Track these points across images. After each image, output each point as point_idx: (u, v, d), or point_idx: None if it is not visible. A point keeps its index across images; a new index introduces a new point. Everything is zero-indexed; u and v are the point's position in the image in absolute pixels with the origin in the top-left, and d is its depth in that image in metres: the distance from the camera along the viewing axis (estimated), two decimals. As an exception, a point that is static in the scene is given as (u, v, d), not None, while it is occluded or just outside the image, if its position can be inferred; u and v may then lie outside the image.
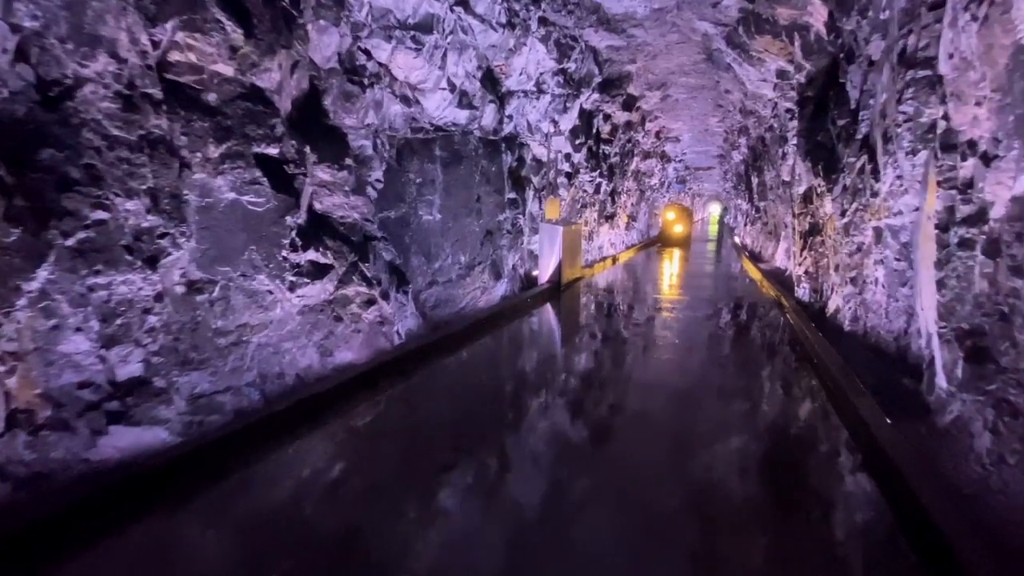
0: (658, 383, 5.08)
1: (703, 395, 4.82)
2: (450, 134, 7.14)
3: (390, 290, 5.45)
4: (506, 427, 4.12)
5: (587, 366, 5.72)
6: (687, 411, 4.41)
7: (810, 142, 7.78)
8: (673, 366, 5.59)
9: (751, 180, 18.89)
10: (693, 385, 5.03)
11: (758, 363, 5.94)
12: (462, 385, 5.12)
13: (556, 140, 9.14)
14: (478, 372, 5.54)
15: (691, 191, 43.19)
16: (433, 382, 5.16)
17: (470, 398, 4.79)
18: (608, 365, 5.69)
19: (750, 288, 9.85)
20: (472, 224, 7.66)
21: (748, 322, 7.56)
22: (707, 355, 6.03)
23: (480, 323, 6.72)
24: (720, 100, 14.54)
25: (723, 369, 5.69)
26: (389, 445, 3.85)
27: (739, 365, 5.79)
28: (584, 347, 6.29)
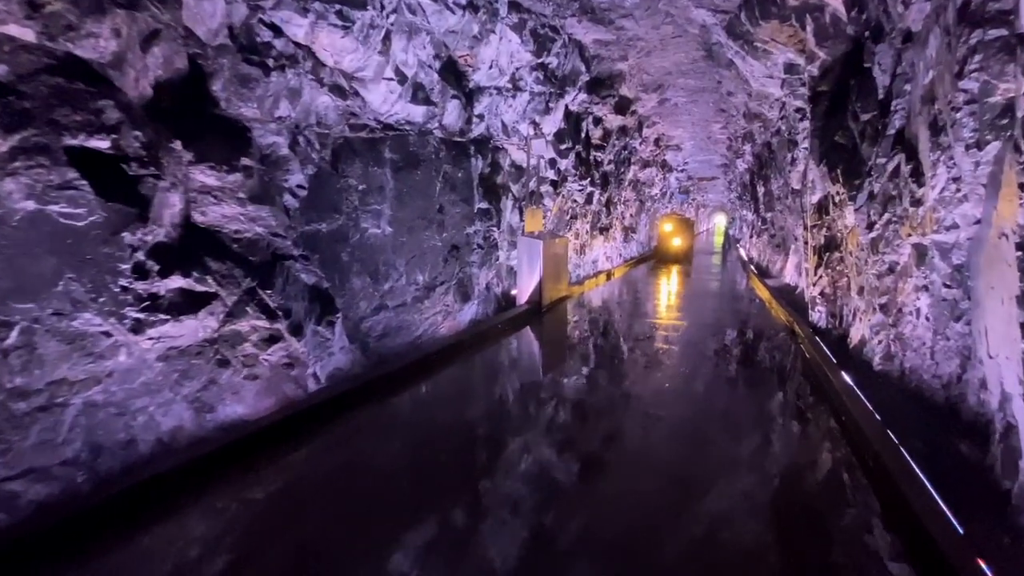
0: (642, 454, 3.94)
1: (702, 476, 3.65)
2: (403, 134, 6.11)
3: (306, 322, 4.38)
4: (444, 513, 3.00)
5: (557, 420, 4.59)
6: (678, 499, 3.27)
7: (825, 143, 6.69)
8: (665, 428, 4.38)
9: (756, 190, 17.79)
10: (689, 457, 3.89)
11: (769, 420, 4.71)
12: (391, 446, 4.01)
13: (536, 144, 8.11)
14: (416, 425, 4.41)
15: (695, 202, 42.19)
16: (354, 442, 4.05)
17: (400, 467, 3.68)
18: (584, 421, 4.57)
19: (758, 311, 8.70)
20: (432, 238, 6.60)
21: (757, 358, 6.31)
22: (707, 409, 4.80)
23: (433, 356, 5.62)
24: (722, 104, 13.51)
25: (728, 432, 4.46)
26: (263, 546, 2.74)
27: (747, 425, 4.56)
28: (556, 393, 5.13)
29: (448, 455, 3.78)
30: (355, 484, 3.41)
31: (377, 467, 3.64)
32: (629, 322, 7.79)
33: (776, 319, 8.01)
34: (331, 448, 3.91)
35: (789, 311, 7.84)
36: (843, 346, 6.27)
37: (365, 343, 5.57)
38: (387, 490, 3.32)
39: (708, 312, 8.47)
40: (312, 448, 3.85)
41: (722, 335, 6.93)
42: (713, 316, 8.19)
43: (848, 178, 5.79)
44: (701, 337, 6.73)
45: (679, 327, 7.20)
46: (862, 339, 5.73)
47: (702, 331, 7.05)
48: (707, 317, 8.03)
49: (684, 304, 9.35)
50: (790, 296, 9.84)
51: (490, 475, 3.58)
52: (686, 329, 7.10)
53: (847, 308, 6.64)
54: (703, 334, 6.88)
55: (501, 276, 8.54)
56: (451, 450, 3.86)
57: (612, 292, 11.09)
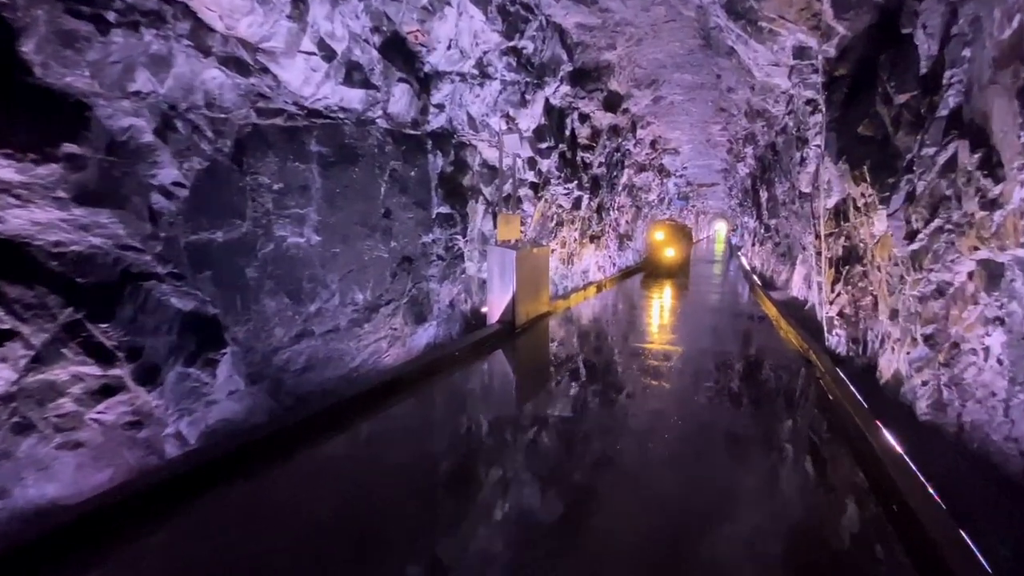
0: (623, 549, 2.84)
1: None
2: (336, 123, 5.06)
3: (168, 363, 3.29)
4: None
5: (513, 485, 3.49)
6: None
7: (844, 137, 5.63)
8: (653, 505, 3.28)
9: (759, 195, 16.74)
10: (683, 556, 2.79)
11: (787, 493, 3.58)
12: (281, 535, 2.89)
13: (510, 140, 7.06)
14: (319, 499, 3.30)
15: (695, 208, 41.19)
16: (225, 532, 2.93)
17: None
18: (549, 491, 3.45)
19: (765, 333, 7.53)
20: (376, 248, 5.52)
21: (766, 402, 5.00)
22: (706, 474, 3.69)
23: (367, 394, 4.52)
24: (723, 102, 12.49)
25: (734, 517, 3.33)
26: None
27: (760, 519, 3.43)
28: (514, 446, 4.00)
29: (346, 547, 2.68)
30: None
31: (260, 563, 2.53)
32: (614, 347, 6.68)
33: (786, 343, 6.90)
34: (184, 542, 2.80)
35: (801, 333, 6.74)
36: (870, 380, 5.17)
37: (278, 381, 4.48)
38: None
39: (707, 334, 7.33)
40: (149, 545, 2.74)
41: (724, 367, 5.77)
42: (713, 339, 7.06)
43: (877, 176, 4.72)
44: (698, 370, 5.58)
45: (672, 355, 6.09)
46: (896, 375, 4.63)
47: (700, 361, 5.88)
48: (706, 340, 6.89)
49: (680, 323, 8.20)
50: (799, 312, 8.75)
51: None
52: (681, 358, 5.98)
53: (873, 333, 5.55)
54: (701, 365, 5.72)
55: (471, 291, 7.46)
56: (353, 539, 2.76)
57: (601, 307, 9.96)
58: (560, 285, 11.12)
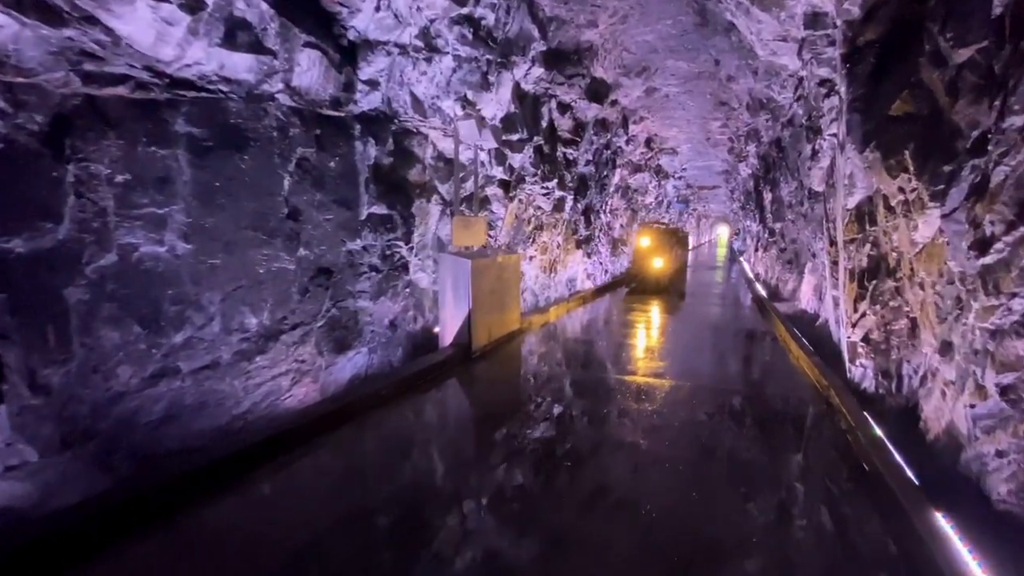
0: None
1: None
2: (215, 97, 3.91)
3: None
4: None
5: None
6: None
7: (874, 118, 4.46)
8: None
9: (762, 196, 15.55)
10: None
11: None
12: None
13: (466, 127, 5.90)
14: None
15: (696, 212, 39.99)
16: None
17: None
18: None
19: (771, 358, 6.27)
20: (278, 258, 4.36)
21: (776, 471, 3.54)
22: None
23: (226, 462, 3.33)
24: (723, 94, 11.34)
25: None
26: None
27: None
28: (440, 535, 2.83)
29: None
30: None
31: None
32: (589, 377, 5.48)
33: (798, 374, 5.67)
34: None
35: (815, 361, 5.53)
36: (908, 429, 3.98)
37: (114, 440, 3.31)
38: None
39: (703, 360, 6.08)
40: None
41: (721, 408, 4.51)
42: (709, 368, 5.79)
43: (925, 164, 3.54)
44: (689, 413, 4.32)
45: (659, 390, 4.87)
46: (952, 432, 3.43)
47: (691, 400, 4.60)
48: (700, 370, 5.62)
49: (671, 345, 6.92)
50: (810, 329, 7.54)
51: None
52: (669, 395, 4.75)
53: (910, 367, 4.36)
54: (693, 407, 4.45)
55: (422, 308, 6.29)
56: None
57: (582, 323, 8.72)
58: (541, 296, 9.95)
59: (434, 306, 6.36)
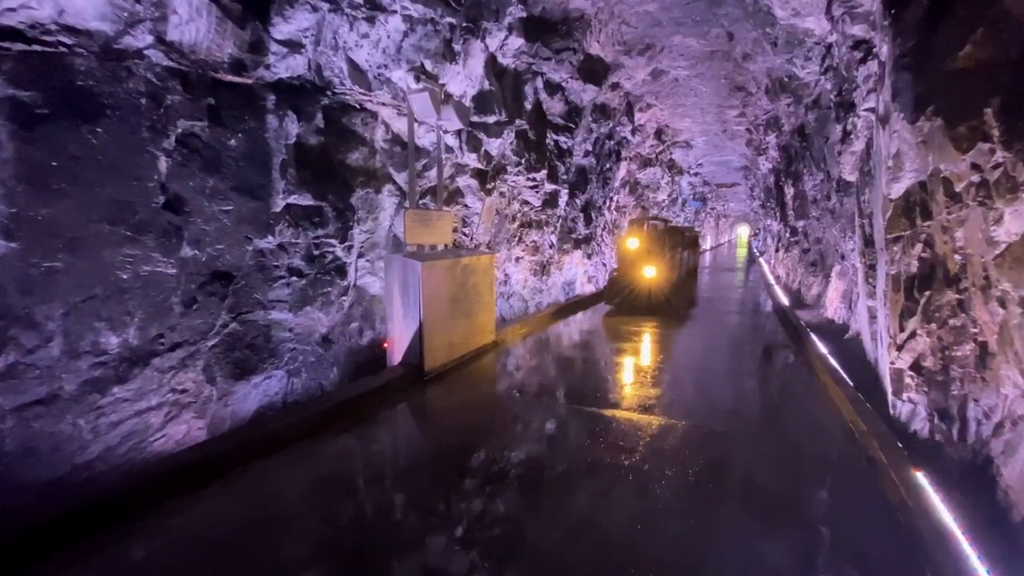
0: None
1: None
2: (54, 52, 2.98)
3: None
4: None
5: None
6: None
7: (930, 76, 3.34)
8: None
9: (783, 192, 14.24)
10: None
11: None
12: None
13: (419, 102, 4.90)
14: None
15: (714, 211, 38.41)
16: None
17: None
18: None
19: (792, 386, 5.03)
20: (149, 259, 3.42)
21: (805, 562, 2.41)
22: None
23: (70, 520, 2.38)
24: (738, 76, 10.14)
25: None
26: None
27: None
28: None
29: None
30: None
31: None
32: (560, 409, 4.33)
33: (827, 407, 4.49)
34: None
35: (848, 392, 4.38)
36: (977, 495, 2.87)
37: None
38: None
39: (705, 387, 4.89)
40: None
41: (715, 466, 3.33)
42: (711, 399, 4.56)
43: (1018, 127, 2.42)
44: (677, 470, 3.24)
45: (643, 433, 3.74)
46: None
47: (681, 451, 3.49)
48: (700, 401, 4.43)
49: (669, 366, 5.65)
50: (839, 343, 6.36)
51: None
52: (656, 440, 3.62)
53: (979, 408, 3.24)
54: (681, 461, 3.34)
55: (371, 319, 5.31)
56: None
57: (572, 333, 7.61)
58: (532, 302, 8.90)
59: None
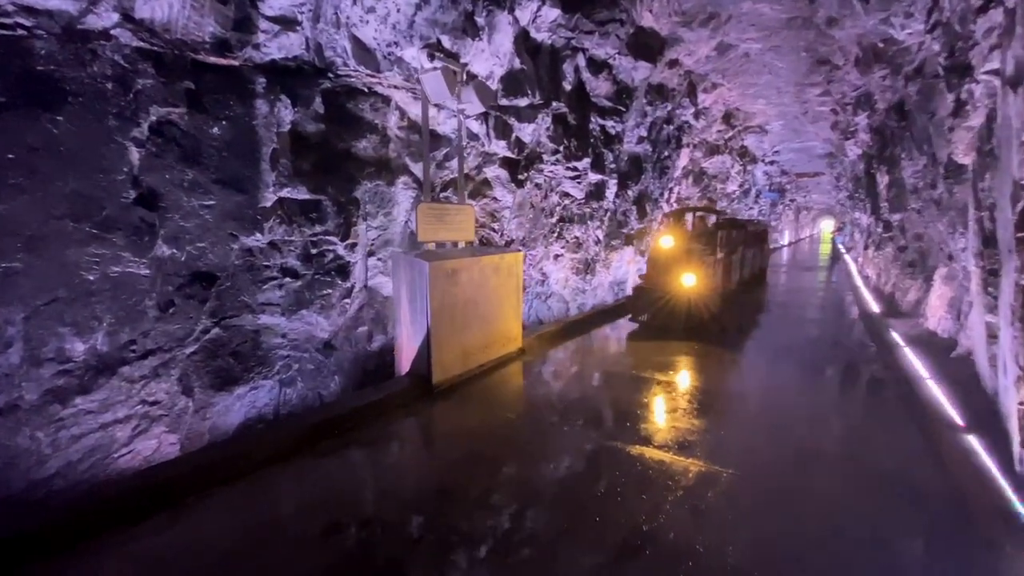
0: None
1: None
2: (10, 36, 2.73)
3: None
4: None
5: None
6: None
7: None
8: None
9: (875, 182, 12.45)
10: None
11: None
12: None
13: (431, 81, 4.39)
14: None
15: (794, 203, 35.33)
16: None
17: None
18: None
19: (880, 422, 3.91)
20: (120, 259, 3.14)
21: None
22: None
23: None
24: (822, 46, 8.82)
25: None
26: None
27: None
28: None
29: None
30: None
31: None
32: (576, 440, 3.58)
33: (928, 460, 3.49)
34: None
35: (955, 437, 3.38)
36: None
37: None
38: None
39: (765, 423, 3.91)
40: None
41: (781, 529, 2.53)
42: (772, 439, 3.55)
43: None
44: (724, 540, 2.44)
45: (676, 483, 3.00)
46: None
47: (735, 505, 2.70)
48: (754, 441, 3.42)
49: (721, 389, 4.65)
50: (944, 364, 5.18)
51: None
52: (687, 496, 2.85)
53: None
54: (737, 522, 2.56)
55: (382, 323, 4.90)
56: None
57: (612, 341, 6.78)
58: (574, 303, 8.22)
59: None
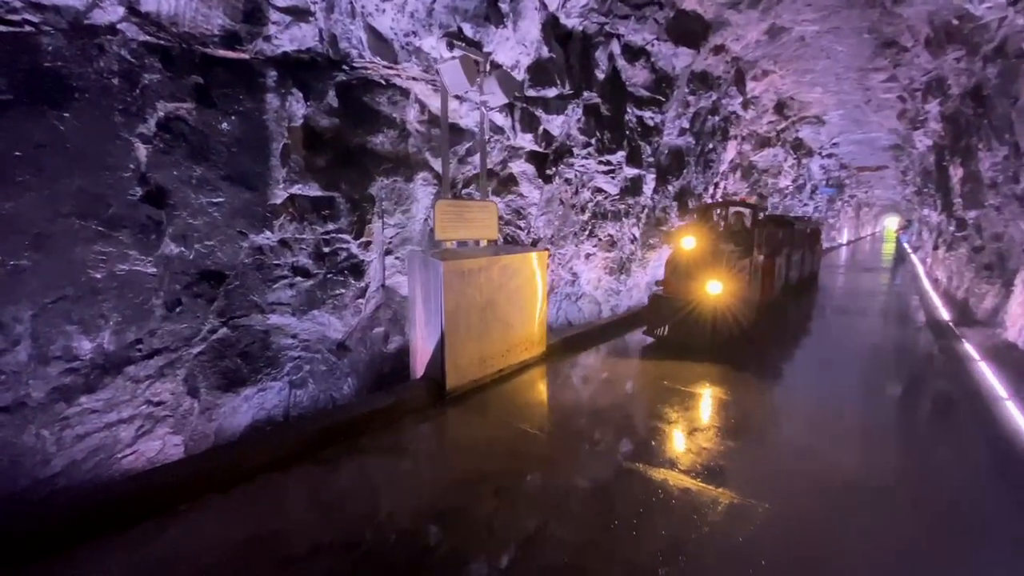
0: None
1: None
2: (18, 32, 2.71)
3: None
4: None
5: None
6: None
7: None
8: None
9: (947, 175, 11.34)
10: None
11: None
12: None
13: (449, 72, 4.18)
14: None
15: (854, 200, 33.13)
16: None
17: None
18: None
19: (958, 458, 3.35)
20: (128, 258, 3.11)
21: None
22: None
23: None
24: (887, 27, 8.05)
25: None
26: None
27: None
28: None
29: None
30: None
31: None
32: (599, 463, 3.27)
33: (1008, 505, 2.96)
34: None
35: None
36: None
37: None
38: None
39: (810, 447, 3.46)
40: None
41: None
42: (819, 467, 3.14)
43: None
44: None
45: (709, 513, 2.65)
46: None
47: (769, 549, 2.40)
48: (800, 469, 3.13)
49: (762, 406, 4.24)
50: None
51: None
52: (725, 525, 2.51)
53: None
54: (772, 571, 2.23)
55: (401, 323, 4.76)
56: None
57: (636, 349, 6.29)
58: (607, 305, 7.87)
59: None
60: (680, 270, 6.20)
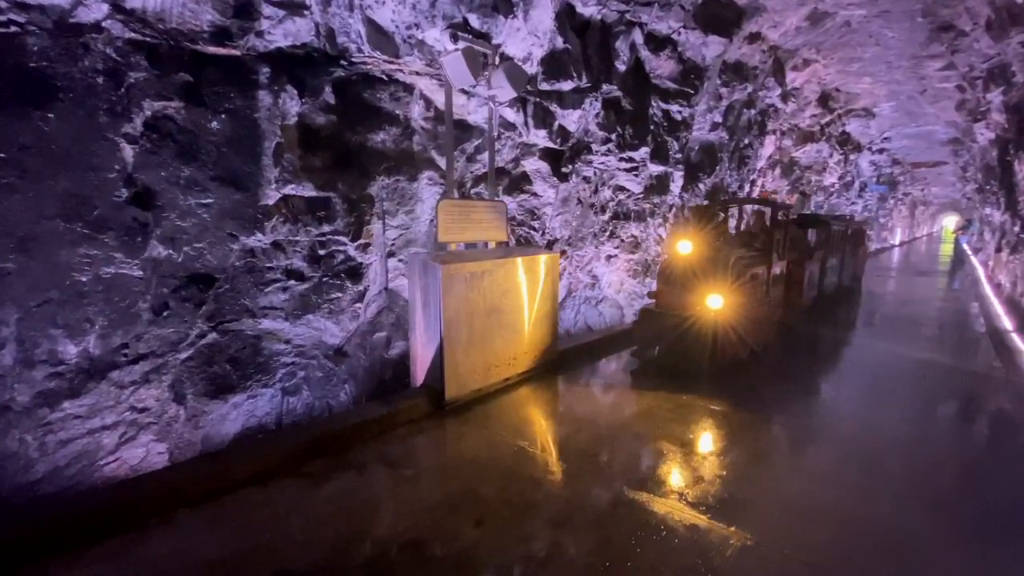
0: None
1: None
2: (3, 33, 2.67)
3: None
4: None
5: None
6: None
7: None
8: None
9: (1012, 171, 10.36)
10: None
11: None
12: None
13: (452, 64, 3.96)
14: None
15: (908, 198, 31.18)
16: None
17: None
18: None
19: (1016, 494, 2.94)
20: (113, 261, 3.04)
21: None
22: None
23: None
24: (943, 9, 7.38)
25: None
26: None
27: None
28: None
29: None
30: None
31: None
32: (599, 492, 2.99)
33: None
34: None
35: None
36: None
37: None
38: None
39: (839, 482, 3.00)
40: None
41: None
42: (840, 518, 2.62)
43: None
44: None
45: (715, 557, 2.36)
46: None
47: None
48: (827, 502, 2.75)
49: (794, 432, 3.82)
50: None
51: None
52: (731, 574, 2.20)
53: None
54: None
55: (404, 328, 4.60)
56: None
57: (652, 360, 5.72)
58: (630, 309, 7.52)
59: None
60: (674, 280, 5.23)
